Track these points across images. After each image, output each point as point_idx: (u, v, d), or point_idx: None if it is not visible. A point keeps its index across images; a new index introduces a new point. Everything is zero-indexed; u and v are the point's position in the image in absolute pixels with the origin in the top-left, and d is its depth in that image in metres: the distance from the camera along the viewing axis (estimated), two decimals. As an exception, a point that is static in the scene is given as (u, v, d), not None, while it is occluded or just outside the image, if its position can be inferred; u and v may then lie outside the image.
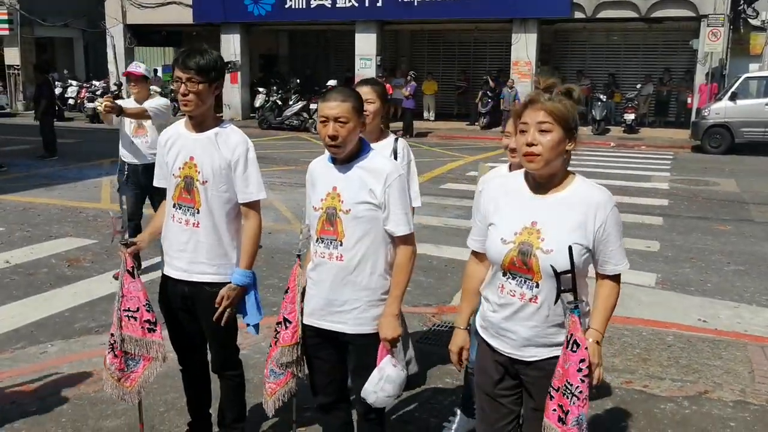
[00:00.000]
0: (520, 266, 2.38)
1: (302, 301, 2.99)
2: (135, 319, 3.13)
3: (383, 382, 2.80)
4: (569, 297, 2.32)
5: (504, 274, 2.44)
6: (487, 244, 2.51)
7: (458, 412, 3.82)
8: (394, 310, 2.85)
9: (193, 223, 3.17)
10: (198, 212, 3.15)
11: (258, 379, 4.01)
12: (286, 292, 3.03)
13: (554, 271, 2.30)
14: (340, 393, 3.05)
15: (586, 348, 2.26)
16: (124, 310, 3.14)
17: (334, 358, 3.01)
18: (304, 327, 3.00)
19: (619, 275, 2.48)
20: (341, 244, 2.82)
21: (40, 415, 3.91)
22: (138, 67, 6.38)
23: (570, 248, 2.28)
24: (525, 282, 2.39)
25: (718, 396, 4.24)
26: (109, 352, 3.19)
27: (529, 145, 2.31)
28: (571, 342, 2.25)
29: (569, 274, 2.29)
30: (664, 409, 4.08)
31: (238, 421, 3.50)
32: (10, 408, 3.98)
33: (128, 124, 6.30)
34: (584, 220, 2.34)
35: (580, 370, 2.23)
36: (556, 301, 2.34)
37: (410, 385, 4.18)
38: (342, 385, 3.06)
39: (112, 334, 3.17)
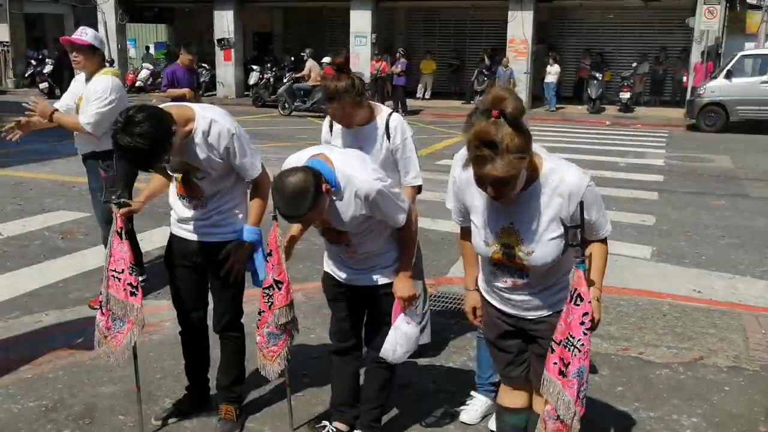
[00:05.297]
0: (507, 262, 2.45)
1: (287, 259, 3.08)
2: (119, 280, 3.15)
3: (399, 340, 2.91)
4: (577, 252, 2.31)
5: (494, 266, 2.52)
6: (472, 241, 2.55)
7: (474, 394, 3.64)
8: (407, 271, 2.99)
9: (199, 206, 3.20)
10: (203, 197, 3.18)
11: (255, 346, 4.00)
12: (269, 255, 3.06)
13: (564, 224, 2.31)
14: (356, 340, 3.16)
15: (590, 302, 2.27)
16: (111, 270, 3.16)
17: (353, 305, 3.13)
18: (326, 275, 3.15)
19: (605, 238, 2.53)
20: (350, 242, 2.95)
21: (36, 381, 3.90)
22: (84, 35, 4.86)
23: (582, 202, 2.28)
24: (516, 272, 2.47)
25: (713, 362, 4.27)
26: (98, 309, 3.24)
27: (495, 198, 2.27)
28: (575, 296, 2.26)
29: (578, 229, 2.29)
30: (659, 374, 4.10)
31: (236, 384, 3.51)
32: (5, 375, 3.96)
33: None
34: (559, 209, 2.34)
35: (582, 323, 2.24)
36: (564, 252, 2.35)
37: (418, 354, 4.18)
38: (359, 333, 3.14)
39: (101, 292, 3.21)
